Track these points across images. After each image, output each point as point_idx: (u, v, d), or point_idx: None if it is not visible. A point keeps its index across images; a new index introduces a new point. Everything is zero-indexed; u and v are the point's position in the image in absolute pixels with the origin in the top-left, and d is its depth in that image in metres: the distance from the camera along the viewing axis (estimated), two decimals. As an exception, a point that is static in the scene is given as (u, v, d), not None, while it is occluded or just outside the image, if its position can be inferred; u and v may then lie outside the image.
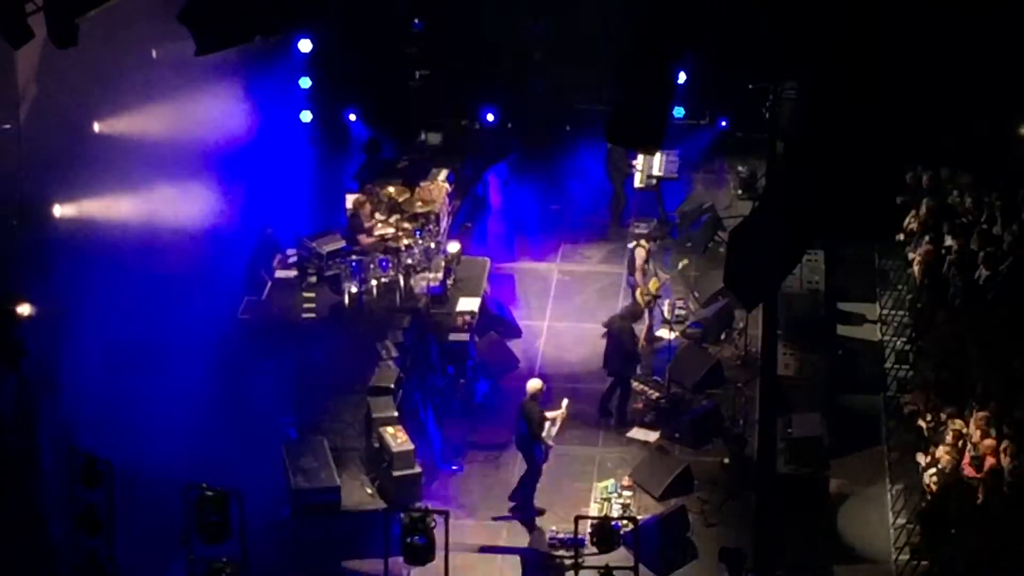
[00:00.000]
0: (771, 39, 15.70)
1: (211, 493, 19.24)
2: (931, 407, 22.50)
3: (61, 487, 20.50)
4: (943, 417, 21.89)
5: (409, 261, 25.06)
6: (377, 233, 25.67)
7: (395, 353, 23.52)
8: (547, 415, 22.09)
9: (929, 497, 21.15)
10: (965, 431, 21.51)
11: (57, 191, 22.80)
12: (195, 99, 24.45)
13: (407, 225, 25.66)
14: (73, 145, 23.23)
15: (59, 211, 22.86)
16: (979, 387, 22.21)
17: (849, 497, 22.53)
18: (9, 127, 21.88)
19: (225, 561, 19.38)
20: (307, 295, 24.95)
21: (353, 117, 29.43)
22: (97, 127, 24.32)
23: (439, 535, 19.47)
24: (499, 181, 29.17)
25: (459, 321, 24.69)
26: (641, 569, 19.74)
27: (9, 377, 21.16)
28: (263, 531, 21.07)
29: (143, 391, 22.64)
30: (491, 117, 29.47)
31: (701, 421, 23.71)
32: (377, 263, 24.84)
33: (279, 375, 23.60)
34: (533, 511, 22.26)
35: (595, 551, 20.05)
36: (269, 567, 21.12)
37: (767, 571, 20.18)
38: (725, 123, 29.27)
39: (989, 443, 21.07)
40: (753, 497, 21.87)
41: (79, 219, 23.11)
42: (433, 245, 25.28)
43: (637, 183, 28.07)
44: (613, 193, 28.34)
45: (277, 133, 27.04)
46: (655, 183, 27.92)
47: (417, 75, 29.41)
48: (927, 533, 21.09)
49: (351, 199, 26.16)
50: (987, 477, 20.74)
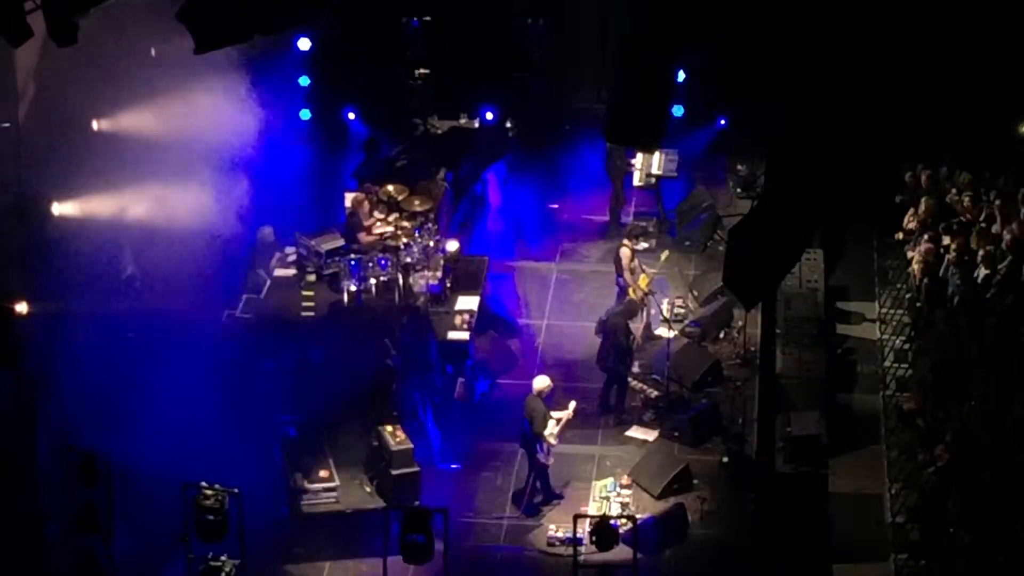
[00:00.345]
0: (771, 39, 15.69)
1: (210, 492, 19.23)
2: (930, 406, 22.50)
3: (59, 486, 20.50)
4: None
5: (408, 260, 25.03)
6: (376, 232, 25.63)
7: (394, 352, 23.51)
8: (552, 415, 22.13)
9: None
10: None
11: (56, 189, 22.77)
12: (194, 97, 24.39)
13: (406, 224, 25.62)
14: (72, 143, 23.20)
15: (58, 209, 22.83)
16: (977, 387, 22.19)
17: (848, 496, 22.52)
18: (8, 125, 21.86)
19: (224, 560, 19.37)
20: (306, 293, 24.91)
21: (352, 116, 29.40)
22: (96, 125, 24.29)
23: (438, 534, 19.47)
24: (498, 180, 29.15)
25: (458, 320, 24.67)
26: (640, 568, 19.74)
27: (7, 375, 21.14)
28: (262, 530, 21.08)
29: (142, 389, 22.64)
30: (490, 116, 29.44)
31: (700, 420, 23.70)
32: (376, 262, 24.80)
33: (278, 374, 23.59)
34: (553, 497, 22.41)
35: (594, 550, 20.06)
36: (268, 566, 21.14)
37: (767, 570, 20.18)
38: (724, 122, 29.24)
39: None
40: (752, 496, 21.90)
41: (78, 217, 23.09)
42: (432, 244, 25.25)
43: (636, 181, 28.07)
44: (612, 192, 28.32)
45: (276, 131, 26.97)
46: (654, 181, 27.91)
47: (416, 74, 29.39)
48: (926, 531, 21.12)
49: (350, 197, 26.12)
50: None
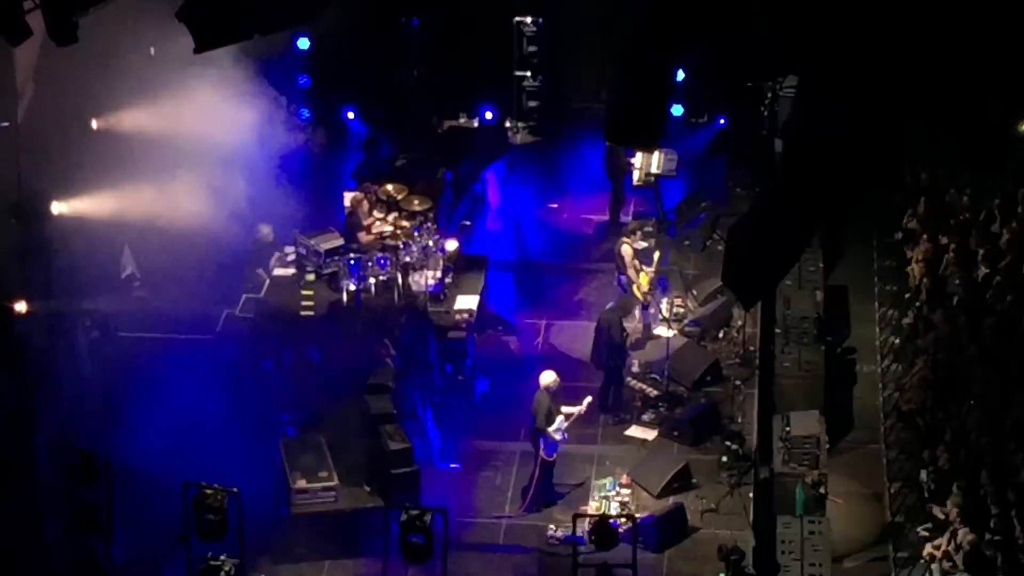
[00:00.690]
0: (770, 38, 15.68)
1: (209, 491, 19.22)
2: (930, 406, 22.50)
3: (59, 486, 20.50)
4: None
5: (407, 259, 25.02)
6: (375, 231, 25.63)
7: (393, 351, 23.50)
8: (563, 410, 22.16)
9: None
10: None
11: (55, 189, 22.77)
12: (193, 96, 24.40)
13: (405, 223, 25.61)
14: (71, 143, 23.21)
15: (57, 209, 22.83)
16: (977, 386, 22.20)
17: (847, 496, 22.52)
18: (7, 125, 21.85)
19: (223, 559, 19.37)
20: (305, 293, 24.92)
21: (352, 115, 29.40)
22: (95, 124, 24.30)
23: (437, 534, 19.46)
24: (498, 179, 29.15)
25: (458, 319, 24.68)
26: (639, 567, 19.74)
27: (7, 376, 21.14)
28: (262, 530, 21.08)
29: (141, 389, 22.65)
30: (490, 115, 29.44)
31: (699, 419, 23.70)
32: (375, 261, 24.81)
33: (277, 373, 23.59)
34: (554, 497, 22.41)
35: (594, 549, 20.06)
36: (268, 566, 21.13)
37: (766, 569, 20.17)
38: (724, 121, 29.24)
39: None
40: (751, 495, 21.90)
41: (78, 217, 23.08)
42: (431, 243, 25.24)
43: (636, 181, 28.04)
44: (612, 191, 28.31)
45: (276, 131, 26.97)
46: (653, 181, 27.89)
47: (415, 73, 29.38)
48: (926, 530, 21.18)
49: (349, 197, 26.12)
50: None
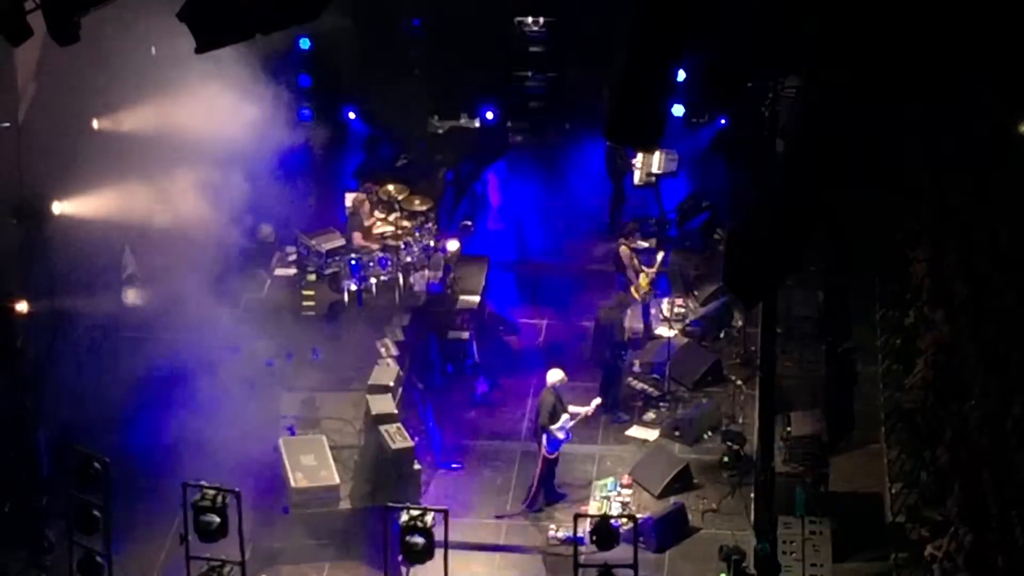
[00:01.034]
0: (770, 37, 15.68)
1: (210, 492, 19.20)
2: (930, 406, 22.48)
3: (59, 486, 20.48)
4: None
5: (408, 259, 25.04)
6: (376, 231, 25.64)
7: (395, 351, 23.50)
8: (571, 409, 22.18)
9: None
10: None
11: (56, 189, 22.77)
12: (194, 96, 24.40)
13: (406, 223, 25.62)
14: (72, 143, 23.21)
15: (58, 209, 22.83)
16: (977, 387, 22.18)
17: (848, 495, 22.51)
18: (8, 125, 21.86)
19: (224, 560, 19.35)
20: (306, 293, 24.92)
21: (352, 115, 29.39)
22: (96, 124, 24.29)
23: (438, 534, 19.45)
24: (498, 179, 29.14)
25: (459, 319, 24.66)
26: (640, 567, 19.72)
27: (7, 375, 21.14)
28: (262, 530, 21.07)
29: (141, 389, 22.64)
30: (490, 115, 29.44)
31: (700, 419, 23.69)
32: (376, 261, 24.82)
33: (278, 372, 23.57)
34: (556, 497, 22.45)
35: (595, 549, 20.05)
36: (268, 566, 21.12)
37: (766, 569, 20.17)
38: (724, 121, 29.24)
39: None
40: (752, 495, 21.89)
41: (78, 217, 23.08)
42: (432, 243, 25.25)
43: (636, 181, 28.04)
44: (613, 191, 28.30)
45: (276, 130, 26.96)
46: (654, 181, 27.89)
47: (416, 73, 29.37)
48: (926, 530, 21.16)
49: (350, 197, 26.12)
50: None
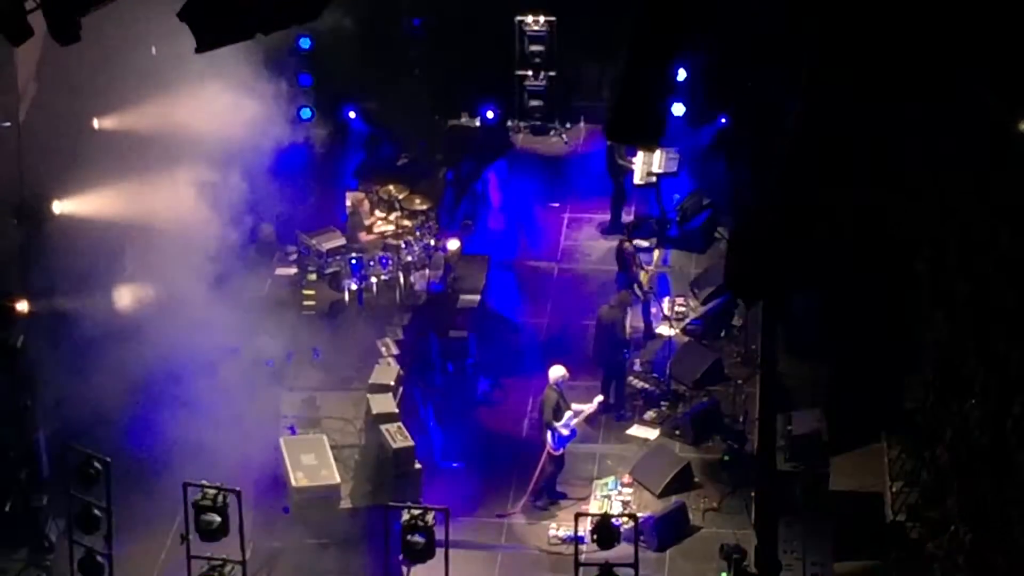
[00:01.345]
0: (770, 36, 15.69)
1: (210, 491, 19.20)
2: (930, 404, 22.47)
3: (59, 486, 20.47)
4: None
5: (409, 258, 25.05)
6: (377, 230, 25.65)
7: (395, 350, 23.50)
8: (574, 406, 22.19)
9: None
10: None
11: (56, 188, 22.77)
12: (194, 96, 24.40)
13: (407, 223, 25.63)
14: (72, 143, 23.21)
15: (58, 208, 22.84)
16: (978, 386, 22.17)
17: (848, 495, 22.50)
18: (9, 125, 21.87)
19: (224, 560, 19.35)
20: (307, 292, 24.92)
21: (352, 115, 29.38)
22: (97, 124, 24.30)
23: (439, 533, 19.46)
24: (499, 178, 29.15)
25: (459, 318, 24.66)
26: (641, 566, 19.72)
27: (7, 375, 21.13)
28: (262, 529, 21.07)
29: (141, 389, 22.63)
30: (491, 115, 29.43)
31: (701, 418, 23.70)
32: (377, 260, 24.83)
33: (279, 371, 23.57)
34: (557, 496, 22.48)
35: (595, 548, 20.04)
36: (268, 565, 21.12)
37: (767, 568, 20.16)
38: (725, 120, 29.23)
39: None
40: (753, 494, 21.88)
41: (78, 216, 23.08)
42: (433, 242, 25.26)
43: (637, 180, 28.04)
44: (614, 190, 28.30)
45: (277, 130, 26.96)
46: (655, 180, 27.89)
47: (416, 72, 29.37)
48: (926, 530, 21.14)
49: (351, 196, 26.14)
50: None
